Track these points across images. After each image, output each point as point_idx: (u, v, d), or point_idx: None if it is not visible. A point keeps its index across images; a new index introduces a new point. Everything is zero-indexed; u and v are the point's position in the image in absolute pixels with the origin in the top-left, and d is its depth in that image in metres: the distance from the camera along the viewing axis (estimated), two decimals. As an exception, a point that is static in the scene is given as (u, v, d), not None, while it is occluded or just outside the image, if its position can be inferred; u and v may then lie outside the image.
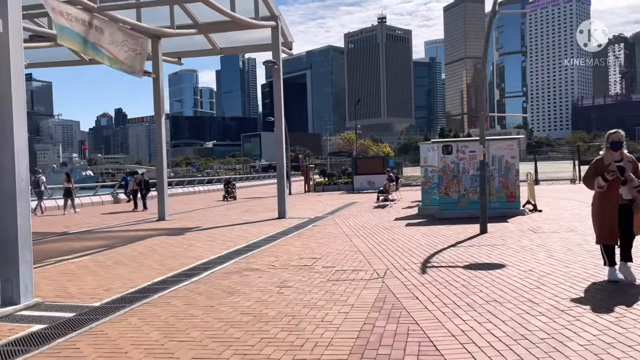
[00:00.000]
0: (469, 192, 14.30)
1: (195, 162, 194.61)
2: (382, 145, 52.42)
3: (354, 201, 23.81)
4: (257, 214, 19.05)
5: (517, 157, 14.14)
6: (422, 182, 16.31)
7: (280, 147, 17.11)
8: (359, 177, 32.76)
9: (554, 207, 15.68)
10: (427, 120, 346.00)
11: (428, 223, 13.55)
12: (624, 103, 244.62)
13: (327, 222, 15.05)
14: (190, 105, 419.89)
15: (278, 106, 17.10)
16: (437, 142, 14.69)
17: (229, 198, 28.69)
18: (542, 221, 12.50)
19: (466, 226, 12.28)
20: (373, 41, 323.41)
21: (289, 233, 12.86)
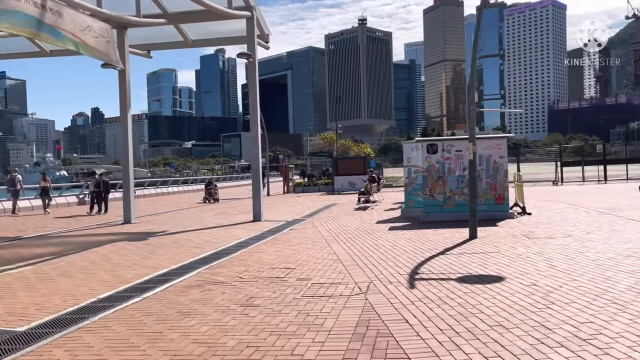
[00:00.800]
0: (455, 193, 13.48)
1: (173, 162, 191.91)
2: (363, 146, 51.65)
3: (334, 203, 22.89)
4: (231, 216, 17.98)
5: (505, 157, 13.36)
6: (405, 183, 15.45)
7: (256, 145, 16.07)
8: (339, 177, 31.86)
9: (542, 209, 14.96)
10: (407, 122, 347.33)
11: (412, 227, 12.67)
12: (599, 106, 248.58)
13: (305, 226, 14.08)
14: (169, 104, 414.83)
15: (253, 103, 16.08)
16: (422, 140, 13.86)
17: (211, 200, 27.30)
18: (533, 225, 11.71)
19: (453, 230, 11.43)
20: (354, 42, 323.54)
21: (263, 238, 11.85)
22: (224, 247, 10.62)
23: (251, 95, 16.06)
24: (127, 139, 16.61)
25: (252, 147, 16.20)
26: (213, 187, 28.27)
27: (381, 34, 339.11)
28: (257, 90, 16.01)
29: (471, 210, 9.95)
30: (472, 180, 10.01)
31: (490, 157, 13.30)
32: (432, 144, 13.69)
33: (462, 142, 13.58)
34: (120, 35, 16.33)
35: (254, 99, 15.95)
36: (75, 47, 11.96)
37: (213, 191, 27.79)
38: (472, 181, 10.03)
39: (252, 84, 15.99)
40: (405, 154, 15.37)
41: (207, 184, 28.88)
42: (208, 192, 27.76)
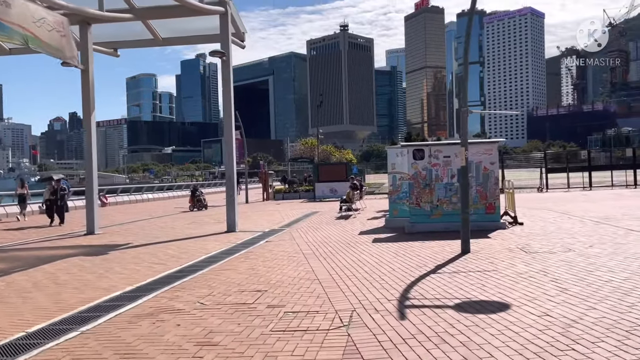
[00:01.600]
0: (443, 202, 12.59)
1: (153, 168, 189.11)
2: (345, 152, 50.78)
3: (315, 211, 21.90)
4: (204, 226, 16.84)
5: (496, 163, 12.53)
6: (390, 190, 14.53)
7: (230, 150, 14.99)
8: (320, 184, 30.90)
9: (534, 218, 14.15)
10: (389, 128, 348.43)
11: (398, 238, 11.73)
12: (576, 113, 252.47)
13: (282, 237, 13.04)
14: (149, 110, 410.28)
15: (227, 105, 15.02)
16: (408, 145, 12.97)
17: (199, 207, 25.73)
18: (528, 237, 10.86)
19: (443, 243, 10.51)
20: (335, 48, 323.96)
21: (236, 252, 10.78)
22: (190, 263, 9.53)
23: (225, 97, 15.00)
24: (90, 143, 15.39)
25: (225, 152, 15.12)
26: (200, 193, 26.83)
27: (363, 40, 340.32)
28: (231, 91, 14.97)
29: (463, 222, 9.04)
30: (464, 188, 9.10)
31: (480, 163, 12.45)
32: (418, 149, 12.79)
33: (450, 147, 12.72)
34: (83, 31, 15.19)
35: (228, 101, 14.89)
36: (23, 41, 10.80)
37: (201, 198, 26.31)
38: (464, 190, 9.12)
39: (226, 85, 14.93)
40: (390, 159, 14.46)
41: (193, 190, 27.37)
42: (196, 199, 26.07)
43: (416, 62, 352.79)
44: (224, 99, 15.01)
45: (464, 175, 9.09)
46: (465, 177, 9.09)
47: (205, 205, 26.28)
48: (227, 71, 14.79)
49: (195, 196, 26.26)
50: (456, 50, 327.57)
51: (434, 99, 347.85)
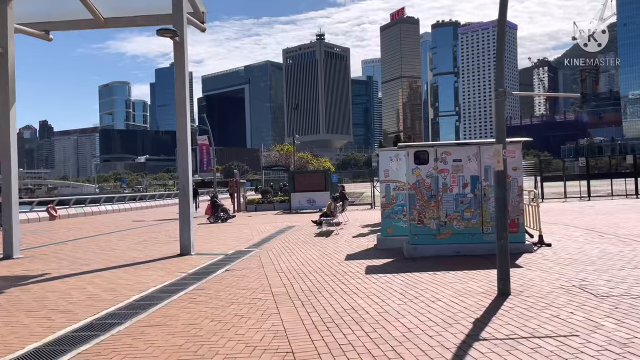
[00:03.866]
0: (453, 218, 9.93)
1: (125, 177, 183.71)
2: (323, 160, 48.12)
3: (291, 225, 19.09)
4: (154, 246, 13.85)
5: (520, 169, 9.93)
6: (383, 203, 11.81)
7: (184, 154, 12.08)
8: (297, 194, 28.07)
9: (557, 236, 11.61)
10: (365, 138, 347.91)
11: (398, 266, 9.00)
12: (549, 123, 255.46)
13: (248, 264, 10.19)
14: (122, 118, 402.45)
15: (181, 99, 12.15)
16: (407, 147, 10.31)
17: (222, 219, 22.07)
18: (571, 265, 8.24)
19: (462, 275, 7.82)
20: (312, 58, 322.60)
21: (181, 288, 7.91)
22: (109, 310, 6.63)
23: (178, 89, 12.12)
24: (9, 144, 12.27)
25: (179, 156, 12.20)
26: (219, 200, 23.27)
27: (339, 49, 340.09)
28: (185, 80, 12.10)
29: (500, 250, 6.36)
30: (501, 203, 6.42)
31: (499, 168, 9.83)
32: (421, 151, 10.12)
33: (462, 148, 10.09)
34: (2, 8, 12.20)
35: (182, 91, 12.02)
36: None
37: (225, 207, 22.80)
38: (500, 205, 6.44)
39: (180, 73, 12.06)
40: (382, 165, 11.75)
41: (213, 197, 23.83)
42: (217, 209, 22.34)
43: (392, 72, 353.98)
44: (176, 88, 12.11)
45: (501, 185, 6.42)
46: (502, 186, 6.42)
47: (228, 215, 22.66)
48: (180, 55, 11.93)
49: (216, 205, 22.64)
50: (431, 61, 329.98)
51: (409, 108, 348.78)
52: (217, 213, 22.20)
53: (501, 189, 6.37)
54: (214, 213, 22.25)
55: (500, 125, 6.40)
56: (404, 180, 11.30)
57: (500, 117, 6.41)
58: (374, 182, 28.28)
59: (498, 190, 6.37)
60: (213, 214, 22.29)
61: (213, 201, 22.77)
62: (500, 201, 6.36)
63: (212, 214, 22.34)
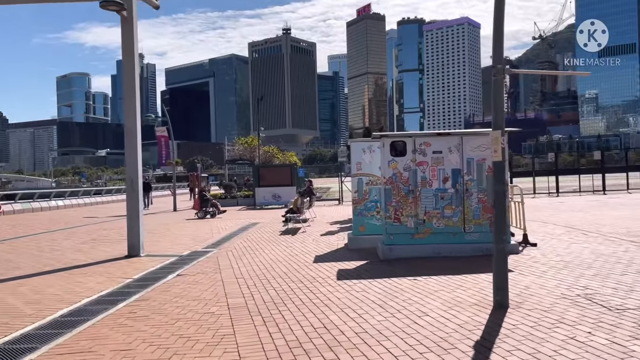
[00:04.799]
0: (432, 216, 8.99)
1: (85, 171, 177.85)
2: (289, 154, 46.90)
3: (255, 221, 17.93)
4: (102, 246, 12.48)
5: (506, 162, 9.04)
6: (354, 199, 10.79)
7: (133, 144, 10.75)
8: (262, 189, 26.83)
9: (539, 235, 10.85)
10: (331, 133, 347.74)
11: (373, 270, 8.00)
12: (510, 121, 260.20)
13: (203, 267, 9.02)
14: (82, 110, 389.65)
15: (130, 83, 10.79)
16: (384, 136, 9.31)
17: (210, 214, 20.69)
18: (564, 268, 7.42)
19: (446, 281, 6.88)
20: (278, 52, 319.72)
21: (122, 299, 6.70)
22: (25, 330, 5.38)
23: (126, 71, 10.76)
24: None
25: (127, 147, 10.85)
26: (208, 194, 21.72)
27: (305, 44, 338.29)
28: (135, 64, 10.75)
29: (498, 255, 5.42)
30: (500, 199, 5.46)
31: (483, 162, 8.95)
32: (398, 141, 9.14)
33: (443, 139, 9.15)
34: None
35: (131, 77, 10.68)
36: None
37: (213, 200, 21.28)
38: (498, 202, 5.48)
39: (128, 53, 10.69)
40: (354, 157, 10.73)
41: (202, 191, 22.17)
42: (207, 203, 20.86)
43: (358, 68, 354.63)
44: (124, 70, 10.76)
45: (499, 178, 5.46)
46: (500, 180, 5.47)
47: (218, 210, 21.16)
48: (128, 32, 10.57)
49: (205, 199, 21.02)
50: (396, 58, 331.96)
51: (375, 104, 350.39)
52: (206, 208, 20.78)
53: (499, 183, 5.42)
54: (203, 208, 20.83)
55: (498, 108, 5.44)
56: (378, 174, 10.33)
57: (499, 97, 5.45)
58: (342, 177, 27.34)
59: (496, 185, 5.41)
60: (201, 208, 20.87)
61: (202, 195, 21.29)
62: (499, 197, 5.41)
63: (200, 209, 20.92)
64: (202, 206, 20.78)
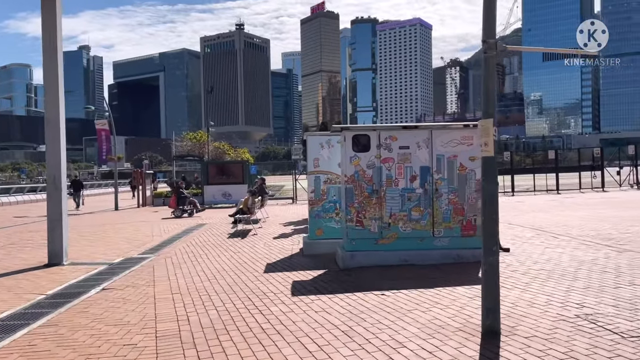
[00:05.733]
0: (398, 219, 8.03)
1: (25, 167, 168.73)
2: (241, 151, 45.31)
3: (202, 222, 16.60)
4: (21, 252, 10.88)
5: (479, 159, 8.18)
6: (311, 199, 9.71)
7: (55, 135, 9.26)
8: (211, 187, 25.36)
9: (509, 238, 10.14)
10: (285, 131, 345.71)
11: (334, 282, 6.95)
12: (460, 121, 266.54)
13: (137, 277, 7.73)
14: (22, 103, 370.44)
15: (50, 63, 9.29)
16: (345, 129, 8.25)
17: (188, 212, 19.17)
18: (548, 279, 6.61)
19: (416, 295, 5.92)
20: (231, 47, 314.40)
21: (24, 324, 5.37)
22: None
23: (46, 50, 9.24)
24: None
25: (49, 139, 9.34)
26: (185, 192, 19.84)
27: (259, 40, 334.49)
28: (57, 44, 9.25)
29: (489, 270, 4.45)
30: (492, 201, 4.50)
31: (454, 159, 8.06)
32: (362, 134, 8.11)
33: (410, 133, 8.19)
34: None
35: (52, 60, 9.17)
36: None
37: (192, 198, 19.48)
38: (490, 204, 4.51)
39: (48, 28, 9.18)
40: (311, 153, 9.63)
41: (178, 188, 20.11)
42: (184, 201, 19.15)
43: (312, 66, 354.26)
44: (44, 50, 9.22)
45: (490, 175, 4.50)
46: (491, 178, 4.51)
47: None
48: (50, 8, 9.06)
49: (182, 197, 19.21)
50: (350, 56, 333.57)
51: (329, 103, 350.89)
52: (184, 206, 19.10)
53: (490, 183, 4.46)
54: (179, 206, 19.14)
55: (489, 91, 4.48)
56: (338, 172, 9.29)
57: (490, 79, 4.49)
58: (296, 174, 26.24)
59: (487, 184, 4.45)
60: (178, 207, 19.18)
61: (179, 192, 19.55)
62: (490, 199, 4.44)
63: (177, 207, 19.22)
64: (178, 204, 19.21)
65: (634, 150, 26.47)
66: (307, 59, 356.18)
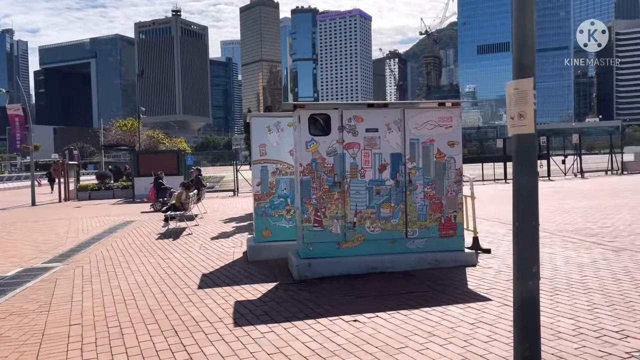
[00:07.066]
0: (365, 217, 6.58)
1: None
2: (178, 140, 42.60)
3: (130, 219, 14.55)
4: None
5: (459, 144, 6.85)
6: (256, 194, 8.07)
7: None
8: (142, 179, 23.03)
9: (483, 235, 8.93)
10: (225, 121, 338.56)
11: (288, 302, 5.40)
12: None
13: (29, 298, 5.88)
14: None
15: None
16: (299, 107, 6.63)
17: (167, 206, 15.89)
18: (556, 291, 5.37)
19: (400, 320, 4.50)
20: (167, 34, 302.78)
21: None
22: None
23: None
24: None
25: None
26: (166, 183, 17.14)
27: (197, 27, 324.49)
28: None
29: (524, 300, 3.04)
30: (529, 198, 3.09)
31: (431, 144, 6.69)
32: (320, 114, 6.57)
33: (379, 112, 6.72)
34: None
35: None
36: None
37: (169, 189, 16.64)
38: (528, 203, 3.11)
39: None
40: (256, 138, 7.96)
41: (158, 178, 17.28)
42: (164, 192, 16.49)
43: (252, 55, 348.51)
44: None
45: (527, 163, 3.09)
46: (528, 168, 3.09)
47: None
48: None
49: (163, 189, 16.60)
50: (291, 46, 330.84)
51: (269, 92, 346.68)
52: (164, 198, 16.44)
53: (528, 174, 3.05)
54: (159, 199, 16.52)
55: (527, 36, 3.03)
56: (289, 161, 7.72)
57: (529, 19, 3.05)
58: (237, 165, 24.39)
59: (523, 176, 3.03)
60: (157, 199, 16.57)
61: (158, 184, 16.97)
62: (529, 198, 3.04)
63: (156, 200, 16.62)
64: (158, 197, 16.76)
65: (579, 139, 26.58)
66: (247, 47, 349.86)
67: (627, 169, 27.70)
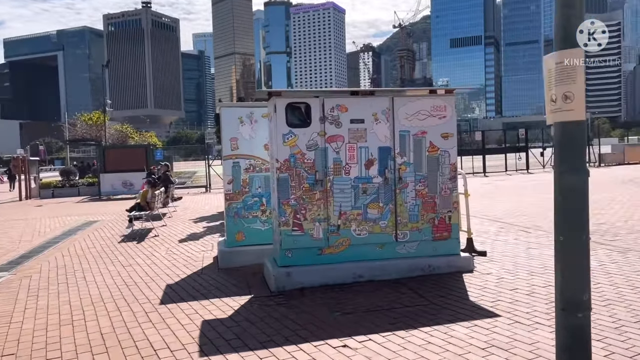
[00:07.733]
0: (351, 219, 5.86)
1: None
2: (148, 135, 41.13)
3: (93, 219, 13.55)
4: None
5: (454, 137, 6.17)
6: (228, 193, 7.25)
7: None
8: (109, 175, 21.89)
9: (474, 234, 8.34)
10: (198, 114, 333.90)
11: (265, 321, 4.64)
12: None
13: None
14: None
15: None
16: (276, 94, 5.83)
17: None
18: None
19: (399, 343, 3.79)
20: (137, 26, 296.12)
21: None
22: None
23: None
24: None
25: None
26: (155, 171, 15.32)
27: (168, 19, 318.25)
28: None
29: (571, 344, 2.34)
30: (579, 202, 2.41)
31: (423, 136, 6.00)
32: (300, 103, 5.79)
33: (365, 101, 5.98)
34: None
35: None
36: None
37: None
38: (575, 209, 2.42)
39: None
40: (227, 131, 7.12)
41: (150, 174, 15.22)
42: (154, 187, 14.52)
43: (225, 48, 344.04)
44: None
45: (574, 158, 2.40)
46: (576, 163, 2.40)
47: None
48: None
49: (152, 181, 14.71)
50: (264, 39, 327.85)
51: (243, 86, 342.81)
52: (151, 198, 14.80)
53: (577, 170, 2.35)
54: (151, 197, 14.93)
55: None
56: (264, 156, 6.94)
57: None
58: (209, 159, 23.42)
59: (568, 174, 2.34)
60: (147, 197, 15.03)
61: (149, 179, 15.58)
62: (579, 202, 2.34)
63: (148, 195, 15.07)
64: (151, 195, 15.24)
65: (556, 131, 26.32)
66: (220, 40, 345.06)
67: (605, 161, 27.69)
